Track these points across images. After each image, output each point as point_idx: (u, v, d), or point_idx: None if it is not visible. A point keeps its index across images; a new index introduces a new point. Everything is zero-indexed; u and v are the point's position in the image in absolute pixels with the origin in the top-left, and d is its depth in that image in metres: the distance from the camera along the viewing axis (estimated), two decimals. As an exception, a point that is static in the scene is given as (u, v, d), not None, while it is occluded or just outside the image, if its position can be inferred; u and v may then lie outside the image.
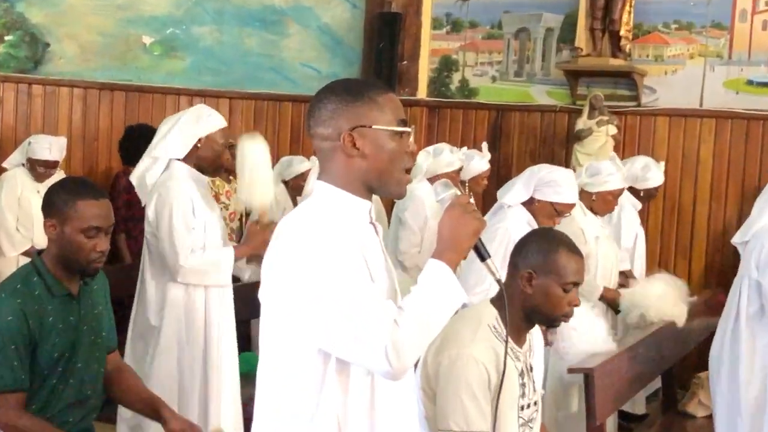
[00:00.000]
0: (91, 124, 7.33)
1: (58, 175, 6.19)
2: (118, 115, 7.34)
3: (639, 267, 5.82)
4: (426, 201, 5.56)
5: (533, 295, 2.69)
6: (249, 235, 4.07)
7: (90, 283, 2.92)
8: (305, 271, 2.01)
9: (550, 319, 2.76)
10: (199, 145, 3.88)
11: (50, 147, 6.03)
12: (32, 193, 5.95)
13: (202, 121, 3.94)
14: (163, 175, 3.90)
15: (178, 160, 3.90)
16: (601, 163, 5.19)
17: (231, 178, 5.31)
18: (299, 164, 6.32)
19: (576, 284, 2.72)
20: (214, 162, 3.96)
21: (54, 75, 7.18)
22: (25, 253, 5.76)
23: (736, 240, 4.17)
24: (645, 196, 5.70)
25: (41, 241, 5.54)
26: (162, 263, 3.88)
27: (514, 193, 4.39)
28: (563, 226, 4.36)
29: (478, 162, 6.10)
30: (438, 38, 7.57)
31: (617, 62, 6.79)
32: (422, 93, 7.50)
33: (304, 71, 7.58)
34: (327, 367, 2.04)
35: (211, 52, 7.66)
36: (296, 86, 7.59)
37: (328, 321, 2.00)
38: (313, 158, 5.89)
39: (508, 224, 4.26)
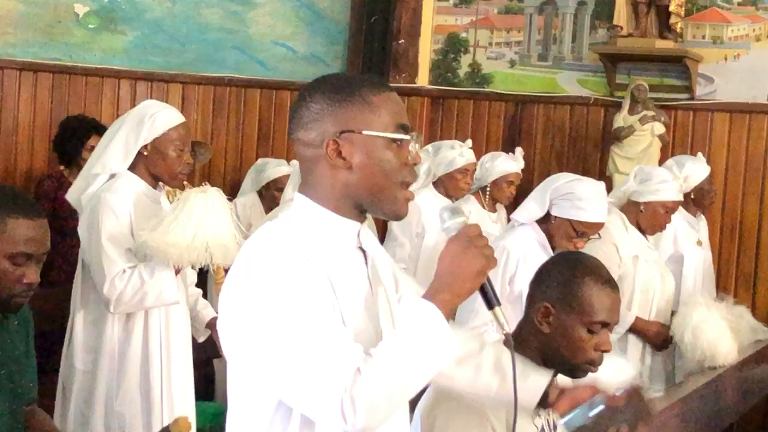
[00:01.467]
0: (9, 113, 6.81)
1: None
2: (43, 102, 6.89)
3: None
4: (422, 208, 5.09)
5: (552, 336, 2.58)
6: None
7: (10, 318, 2.76)
8: (260, 304, 1.92)
9: (571, 366, 2.57)
10: (145, 153, 3.75)
11: None
12: None
13: (144, 125, 3.78)
14: (102, 187, 3.77)
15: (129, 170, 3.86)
16: (655, 168, 4.97)
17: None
18: (274, 168, 6.10)
19: (606, 324, 2.57)
20: (168, 170, 3.80)
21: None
22: None
23: None
24: (696, 201, 5.35)
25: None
26: (95, 292, 3.76)
27: (526, 207, 4.27)
28: (595, 241, 4.29)
29: (504, 162, 5.58)
30: (443, 12, 7.16)
31: (666, 44, 6.38)
32: (423, 80, 7.05)
33: (276, 51, 7.21)
34: (289, 422, 1.95)
35: (160, 26, 7.26)
36: (266, 69, 7.30)
37: (281, 366, 1.91)
38: (294, 162, 5.61)
39: (508, 242, 4.18)
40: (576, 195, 4.10)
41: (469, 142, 5.79)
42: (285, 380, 1.91)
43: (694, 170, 5.26)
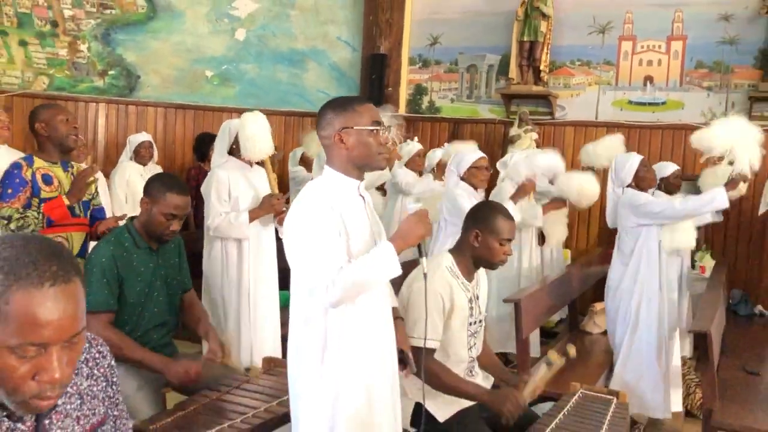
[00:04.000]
0: (170, 133, 7.35)
1: (155, 167, 6.30)
2: (189, 127, 7.36)
3: None
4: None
5: (479, 248, 2.67)
6: (262, 202, 3.78)
7: (168, 242, 2.90)
8: (298, 229, 2.07)
9: (490, 264, 2.72)
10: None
11: (140, 136, 6.18)
12: (137, 177, 6.02)
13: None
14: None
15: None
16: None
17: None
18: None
19: (509, 240, 2.68)
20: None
21: (144, 98, 7.20)
22: (120, 218, 5.75)
23: (610, 224, 4.20)
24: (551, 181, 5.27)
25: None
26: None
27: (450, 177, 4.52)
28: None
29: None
30: (413, 72, 7.57)
31: (538, 88, 6.77)
32: (402, 110, 7.45)
33: (319, 96, 7.48)
34: (312, 301, 2.08)
35: (253, 82, 7.65)
36: (314, 106, 7.27)
37: (305, 260, 2.04)
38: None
39: (458, 191, 4.39)
40: (459, 154, 4.56)
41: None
42: (307, 271, 2.06)
43: (547, 159, 4.99)
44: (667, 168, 4.74)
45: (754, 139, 3.87)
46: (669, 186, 4.63)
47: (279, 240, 3.89)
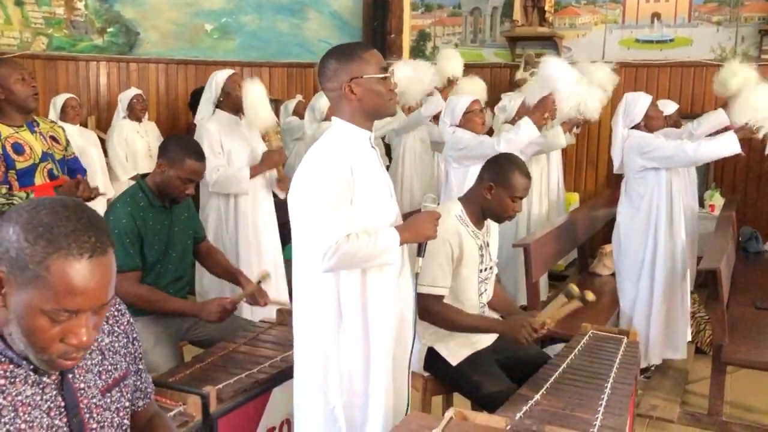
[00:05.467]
0: (172, 90, 7.28)
1: (149, 124, 6.28)
2: (191, 82, 7.27)
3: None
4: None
5: (491, 201, 2.65)
6: (262, 158, 3.78)
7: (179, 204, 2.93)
8: (308, 189, 2.04)
9: (500, 217, 2.71)
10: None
11: (129, 92, 6.08)
12: (134, 134, 6.00)
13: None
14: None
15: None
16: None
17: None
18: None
19: (521, 198, 2.66)
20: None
21: (144, 55, 7.12)
22: (133, 178, 5.74)
23: (616, 169, 4.12)
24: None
25: (142, 168, 5.76)
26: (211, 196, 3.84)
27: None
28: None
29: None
30: (416, 17, 7.49)
31: (543, 30, 6.70)
32: (406, 57, 7.29)
33: (321, 45, 7.43)
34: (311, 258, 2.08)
35: (254, 35, 7.57)
36: (316, 57, 7.12)
37: (311, 220, 2.03)
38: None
39: (459, 133, 4.31)
40: (452, 102, 4.43)
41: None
42: (310, 228, 2.03)
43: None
44: (667, 106, 4.69)
45: None
46: (671, 124, 4.59)
47: (276, 197, 3.97)
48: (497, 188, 2.63)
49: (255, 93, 3.72)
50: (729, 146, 3.66)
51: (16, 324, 1.17)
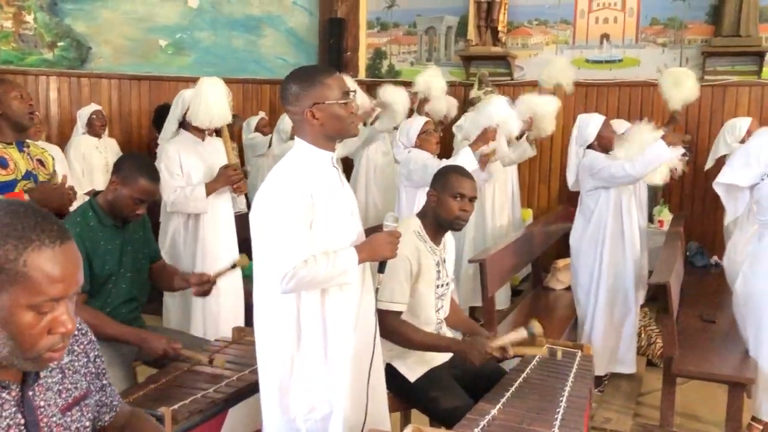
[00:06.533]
0: (126, 105, 7.22)
1: (109, 140, 6.21)
2: (144, 99, 7.26)
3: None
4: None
5: (437, 207, 2.69)
6: (218, 174, 3.68)
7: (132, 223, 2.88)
8: (268, 212, 2.05)
9: (451, 223, 2.69)
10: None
11: (89, 108, 6.06)
12: (93, 150, 5.92)
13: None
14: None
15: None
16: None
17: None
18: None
19: (463, 195, 2.65)
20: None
21: (96, 70, 7.04)
22: (88, 193, 5.59)
23: (571, 187, 4.25)
24: None
25: (98, 183, 5.67)
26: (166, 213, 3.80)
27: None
28: None
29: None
30: (372, 35, 7.54)
31: (496, 49, 6.79)
32: (362, 75, 7.41)
33: (277, 62, 7.52)
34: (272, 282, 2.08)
35: (209, 51, 7.56)
36: (272, 73, 7.51)
37: (270, 244, 2.04)
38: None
39: (414, 155, 4.35)
40: (405, 127, 4.52)
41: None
42: (270, 256, 2.05)
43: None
44: (621, 125, 4.82)
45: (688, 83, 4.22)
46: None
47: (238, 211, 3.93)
48: (439, 193, 2.68)
49: (210, 88, 3.60)
50: (660, 154, 3.76)
51: None
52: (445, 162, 4.03)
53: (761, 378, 3.38)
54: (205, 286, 2.89)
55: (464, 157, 4.05)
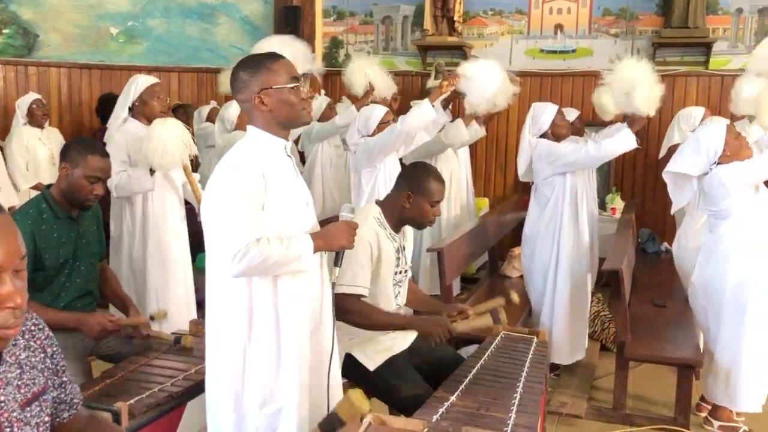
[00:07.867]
0: (75, 95, 7.04)
1: (52, 130, 5.99)
2: (95, 87, 7.06)
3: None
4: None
5: (410, 209, 2.72)
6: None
7: (87, 212, 2.84)
8: (219, 193, 2.02)
9: (421, 224, 2.78)
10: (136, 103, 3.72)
11: (28, 97, 5.81)
12: (36, 142, 5.71)
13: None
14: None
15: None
16: None
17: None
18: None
19: (438, 202, 2.74)
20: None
21: (44, 59, 6.84)
22: (34, 187, 5.48)
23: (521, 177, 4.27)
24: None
25: (44, 176, 5.50)
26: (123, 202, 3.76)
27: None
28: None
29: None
30: (328, 24, 7.48)
31: (453, 39, 6.80)
32: (319, 65, 6.80)
33: (232, 51, 7.33)
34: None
35: (161, 39, 7.40)
36: (227, 62, 7.05)
37: (221, 224, 1.99)
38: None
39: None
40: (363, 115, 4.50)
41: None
42: (220, 237, 2.00)
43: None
44: (570, 114, 4.89)
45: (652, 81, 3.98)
46: (574, 131, 4.77)
47: (188, 203, 3.91)
48: (415, 196, 2.70)
49: (161, 131, 3.48)
50: (625, 141, 3.81)
51: None
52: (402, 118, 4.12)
53: (716, 367, 3.45)
54: (133, 332, 2.77)
55: (420, 109, 4.10)
